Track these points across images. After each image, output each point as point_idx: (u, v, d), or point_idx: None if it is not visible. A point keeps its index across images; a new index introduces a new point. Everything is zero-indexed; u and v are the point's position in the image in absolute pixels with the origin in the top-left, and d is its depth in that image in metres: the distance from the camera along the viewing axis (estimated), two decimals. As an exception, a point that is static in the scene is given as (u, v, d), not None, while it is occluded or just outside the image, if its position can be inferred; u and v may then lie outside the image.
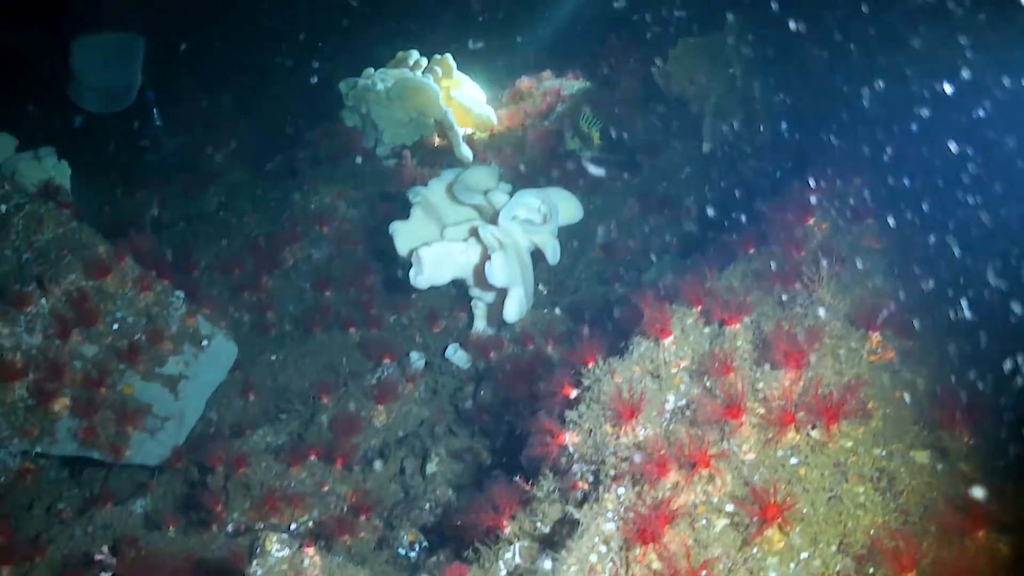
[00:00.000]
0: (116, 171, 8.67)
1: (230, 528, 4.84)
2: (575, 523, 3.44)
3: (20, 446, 5.40)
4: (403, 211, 6.24)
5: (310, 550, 3.63)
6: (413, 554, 4.61)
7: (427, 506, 4.87)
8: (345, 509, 4.88)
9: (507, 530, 3.73)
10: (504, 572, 3.60)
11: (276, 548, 3.57)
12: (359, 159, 8.08)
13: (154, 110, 9.44)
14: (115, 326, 5.60)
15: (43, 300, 5.53)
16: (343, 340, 6.28)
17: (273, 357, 6.24)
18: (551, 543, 3.55)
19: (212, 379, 5.77)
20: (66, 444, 5.40)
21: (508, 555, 3.65)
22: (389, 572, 4.46)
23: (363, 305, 6.51)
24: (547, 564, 3.31)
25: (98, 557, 4.69)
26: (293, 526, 4.82)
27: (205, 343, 5.71)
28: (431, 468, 5.12)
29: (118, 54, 8.71)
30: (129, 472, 5.68)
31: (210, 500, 4.90)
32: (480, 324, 6.11)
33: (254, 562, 3.56)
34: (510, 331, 5.88)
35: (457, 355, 5.96)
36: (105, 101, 8.76)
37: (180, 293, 5.80)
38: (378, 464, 5.21)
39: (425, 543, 4.67)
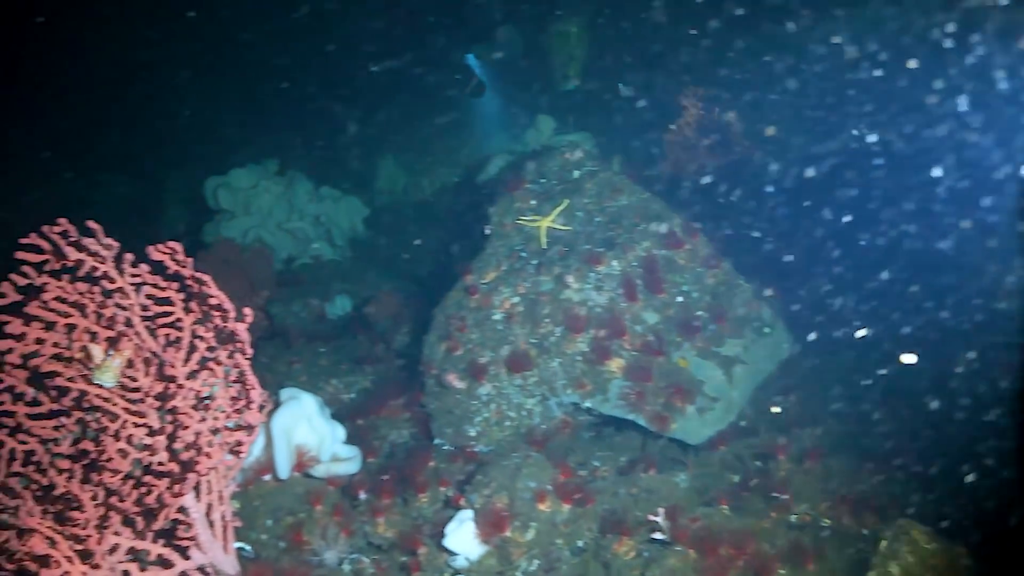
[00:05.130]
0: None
1: (793, 519, 4.65)
2: None
3: (572, 397, 5.54)
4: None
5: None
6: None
7: None
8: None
9: None
10: None
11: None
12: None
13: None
14: (679, 298, 5.63)
15: (614, 262, 5.67)
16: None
17: (809, 364, 6.03)
18: None
19: (764, 368, 5.63)
20: (614, 404, 5.46)
21: None
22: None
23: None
24: None
25: (653, 518, 4.67)
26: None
27: (767, 331, 5.60)
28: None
29: None
30: (661, 446, 5.63)
31: (774, 487, 4.74)
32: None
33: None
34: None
35: None
36: None
37: (743, 279, 5.75)
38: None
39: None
